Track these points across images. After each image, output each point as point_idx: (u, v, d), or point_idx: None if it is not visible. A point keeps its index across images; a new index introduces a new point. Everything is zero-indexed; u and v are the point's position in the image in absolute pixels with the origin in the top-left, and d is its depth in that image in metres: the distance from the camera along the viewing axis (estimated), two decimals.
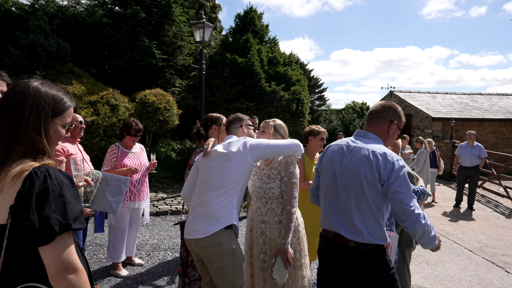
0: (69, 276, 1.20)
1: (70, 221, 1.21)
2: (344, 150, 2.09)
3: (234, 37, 12.46)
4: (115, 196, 2.26)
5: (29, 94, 1.25)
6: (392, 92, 17.11)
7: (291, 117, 11.74)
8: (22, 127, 1.22)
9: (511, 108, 16.15)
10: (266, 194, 2.62)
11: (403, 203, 1.88)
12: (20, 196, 1.16)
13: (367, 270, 1.96)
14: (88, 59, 11.50)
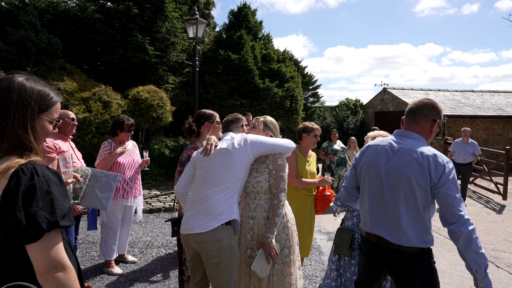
0: (57, 274, 1.18)
1: (58, 218, 1.19)
2: (388, 151, 2.00)
3: (227, 33, 12.40)
4: (105, 192, 2.24)
5: (14, 90, 1.22)
6: (385, 89, 17.18)
7: (285, 114, 11.75)
8: (7, 124, 1.20)
9: (502, 105, 16.32)
10: (255, 189, 2.58)
11: (453, 206, 1.84)
12: (6, 193, 1.14)
13: (413, 274, 1.93)
14: (80, 55, 11.37)
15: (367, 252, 2.10)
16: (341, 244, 2.71)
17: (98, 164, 3.93)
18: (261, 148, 2.46)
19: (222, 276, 2.31)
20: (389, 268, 1.99)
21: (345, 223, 2.85)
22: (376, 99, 17.83)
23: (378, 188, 2.01)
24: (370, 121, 17.89)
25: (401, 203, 1.92)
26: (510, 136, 15.54)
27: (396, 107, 16.33)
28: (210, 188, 2.36)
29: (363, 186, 2.11)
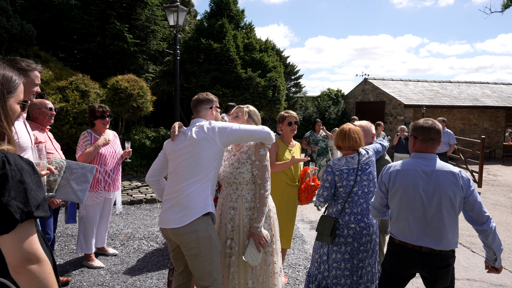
0: (31, 267, 1.13)
1: (32, 208, 1.14)
2: (422, 175, 2.29)
3: (209, 22, 12.20)
4: (80, 184, 2.16)
5: None
6: (366, 80, 17.37)
7: (267, 104, 11.72)
8: None
9: (478, 95, 16.79)
10: (237, 180, 2.57)
11: (481, 210, 2.24)
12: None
13: (449, 270, 2.32)
14: (55, 42, 10.95)
15: (405, 258, 2.36)
16: (323, 231, 2.73)
17: (79, 156, 3.80)
18: (231, 137, 2.38)
19: (203, 267, 2.32)
20: (430, 268, 2.30)
21: (328, 210, 2.87)
22: (357, 89, 18.02)
23: (418, 206, 2.30)
24: (351, 111, 18.09)
25: (444, 216, 2.26)
26: (485, 126, 16.04)
27: (376, 97, 16.55)
28: (182, 182, 2.33)
29: (400, 206, 2.36)
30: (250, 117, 2.75)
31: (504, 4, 11.34)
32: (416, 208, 2.30)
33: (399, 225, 2.38)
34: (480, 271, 4.25)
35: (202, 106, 2.57)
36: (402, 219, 2.36)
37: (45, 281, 1.16)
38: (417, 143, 2.41)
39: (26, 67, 2.33)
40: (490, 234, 2.24)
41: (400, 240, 2.38)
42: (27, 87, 2.32)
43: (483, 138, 9.57)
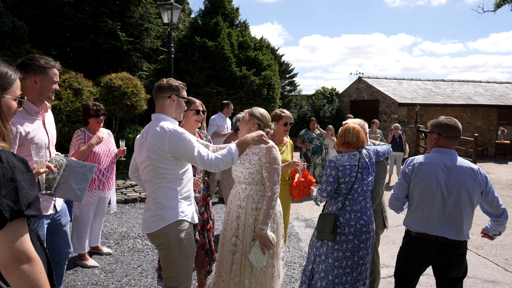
0: (22, 266, 1.12)
1: (23, 207, 1.12)
2: (444, 168, 2.46)
3: (203, 20, 12.15)
4: (80, 183, 2.13)
5: None
6: (360, 78, 17.43)
7: (262, 102, 11.71)
8: None
9: (470, 94, 16.92)
10: (246, 180, 2.61)
11: (499, 204, 2.45)
12: None
13: (464, 258, 2.50)
14: (48, 40, 10.82)
15: (422, 248, 2.50)
16: (323, 229, 2.72)
17: (72, 155, 3.77)
18: (178, 153, 2.20)
19: (171, 269, 2.30)
20: (446, 256, 2.46)
21: (327, 208, 2.87)
22: (352, 88, 18.07)
23: (439, 198, 2.45)
24: (345, 110, 18.15)
25: (462, 209, 2.42)
26: (477, 124, 16.18)
27: (371, 95, 16.62)
28: (149, 187, 2.28)
29: (421, 196, 2.50)
30: (252, 115, 2.72)
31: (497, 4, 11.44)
32: (436, 199, 2.45)
33: (417, 215, 2.52)
34: (473, 268, 4.29)
35: (160, 94, 2.35)
36: (421, 210, 2.50)
37: (35, 280, 1.14)
38: (441, 139, 2.56)
39: (45, 65, 2.32)
40: (504, 223, 2.52)
41: (416, 232, 2.53)
42: (46, 85, 2.33)
43: (476, 136, 9.66)
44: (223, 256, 2.65)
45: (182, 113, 2.47)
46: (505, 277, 4.07)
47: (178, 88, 2.37)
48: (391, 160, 9.26)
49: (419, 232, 2.52)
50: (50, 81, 2.34)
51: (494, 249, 4.90)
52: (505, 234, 5.53)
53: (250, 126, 2.71)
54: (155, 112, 2.38)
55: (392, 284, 3.84)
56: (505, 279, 4.03)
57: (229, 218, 2.68)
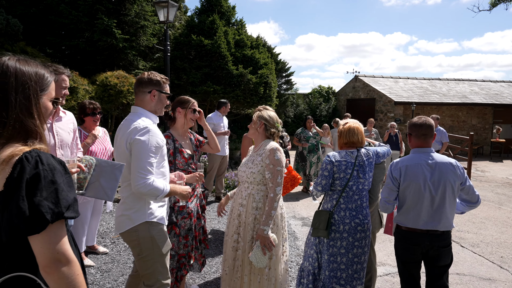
0: (61, 268, 1.13)
1: (63, 209, 1.13)
2: (427, 167, 2.59)
3: (200, 18, 12.10)
4: (109, 182, 2.13)
5: (10, 74, 1.15)
6: (357, 77, 17.46)
7: (258, 101, 11.69)
8: (8, 110, 1.14)
9: (466, 93, 17.01)
10: (248, 179, 2.67)
11: (474, 191, 2.67)
12: (9, 182, 1.08)
13: (450, 248, 2.66)
14: (43, 38, 10.74)
15: (415, 239, 2.63)
16: (318, 226, 2.75)
17: None
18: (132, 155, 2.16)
19: (145, 267, 2.28)
20: (436, 248, 2.61)
21: (323, 206, 2.90)
22: (348, 86, 18.10)
23: (427, 196, 2.58)
24: (342, 108, 18.17)
25: (447, 202, 2.58)
26: (473, 123, 16.26)
27: (367, 94, 16.65)
28: (122, 183, 2.28)
29: (412, 197, 2.62)
30: (260, 117, 2.75)
31: (492, 3, 11.47)
32: (426, 198, 2.58)
33: (408, 215, 2.64)
34: (470, 266, 4.31)
35: (140, 88, 2.30)
36: (412, 209, 2.63)
37: (73, 282, 1.15)
38: (412, 139, 2.72)
39: (54, 72, 2.35)
40: (476, 207, 2.75)
41: (408, 227, 2.66)
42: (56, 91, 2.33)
43: (472, 134, 9.70)
44: (226, 252, 2.73)
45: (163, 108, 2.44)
46: (500, 275, 4.09)
47: (159, 83, 2.32)
48: (387, 159, 9.27)
49: (411, 227, 2.65)
50: (58, 87, 2.44)
51: (490, 247, 4.93)
52: (500, 232, 5.56)
53: (257, 126, 2.75)
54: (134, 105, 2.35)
55: (388, 282, 3.85)
56: (500, 276, 4.05)
57: (232, 216, 2.75)
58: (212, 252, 4.42)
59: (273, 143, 2.69)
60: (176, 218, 2.85)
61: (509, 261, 4.48)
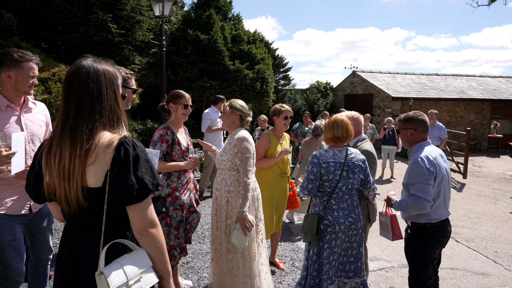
0: (152, 230, 1.38)
1: (158, 181, 1.41)
2: (440, 156, 2.63)
3: (196, 12, 12.02)
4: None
5: (100, 73, 1.38)
6: (355, 72, 17.41)
7: (255, 96, 11.65)
8: (103, 101, 1.37)
9: (464, 88, 16.98)
10: (220, 165, 2.95)
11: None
12: (117, 161, 1.31)
13: None
14: (38, 33, 10.65)
15: (446, 231, 2.63)
16: (310, 231, 2.65)
17: None
18: None
19: None
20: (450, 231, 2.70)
21: (313, 208, 2.79)
22: (346, 82, 18.05)
23: (449, 184, 2.66)
24: (340, 104, 18.14)
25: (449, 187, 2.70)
26: (470, 118, 16.25)
27: (365, 90, 16.61)
28: None
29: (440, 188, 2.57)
30: (232, 108, 2.98)
31: None
32: (448, 186, 2.66)
33: (440, 208, 2.59)
34: (463, 260, 4.31)
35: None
36: (442, 200, 2.60)
37: (161, 242, 1.41)
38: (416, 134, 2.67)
39: (19, 58, 2.25)
40: None
41: (441, 221, 2.60)
42: (21, 79, 2.26)
43: (469, 130, 9.69)
44: (213, 232, 3.00)
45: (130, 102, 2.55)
46: (494, 269, 4.09)
47: (124, 79, 2.44)
48: (384, 154, 9.26)
49: (443, 219, 2.61)
50: (25, 75, 2.27)
51: (484, 242, 4.93)
52: (495, 227, 5.56)
53: (234, 118, 2.97)
54: None
55: (382, 276, 3.84)
56: (494, 271, 4.05)
57: (215, 201, 3.01)
58: (207, 247, 4.40)
59: (241, 133, 2.88)
60: (168, 209, 2.89)
61: (503, 255, 4.48)
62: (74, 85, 1.35)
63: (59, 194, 1.36)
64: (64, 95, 1.39)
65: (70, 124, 1.34)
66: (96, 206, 1.35)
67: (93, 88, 1.35)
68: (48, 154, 1.37)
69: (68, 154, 1.32)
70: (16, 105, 2.33)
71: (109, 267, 1.31)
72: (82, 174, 1.31)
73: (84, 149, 1.30)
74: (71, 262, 1.38)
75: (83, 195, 1.32)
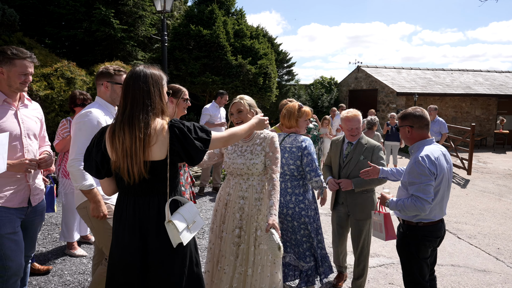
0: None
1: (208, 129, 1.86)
2: (442, 155, 2.55)
3: (199, 7, 11.98)
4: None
5: (148, 76, 1.77)
6: (359, 67, 17.27)
7: (258, 92, 11.60)
8: (151, 98, 1.75)
9: (470, 83, 16.78)
10: (250, 170, 2.58)
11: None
12: (175, 138, 1.73)
13: None
14: (41, 29, 10.67)
15: (439, 231, 2.59)
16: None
17: (57, 144, 3.77)
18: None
19: (98, 238, 2.53)
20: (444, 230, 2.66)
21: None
22: (350, 77, 17.92)
23: (448, 184, 2.59)
24: (344, 99, 18.03)
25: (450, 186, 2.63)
26: (476, 114, 16.08)
27: (369, 85, 16.48)
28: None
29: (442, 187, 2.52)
30: (250, 106, 2.67)
31: None
32: (449, 186, 2.59)
33: (432, 208, 2.51)
34: (465, 257, 4.26)
35: (96, 81, 2.60)
36: (440, 200, 2.54)
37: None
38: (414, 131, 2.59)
39: (11, 55, 2.28)
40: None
41: (435, 221, 2.55)
42: (13, 76, 2.30)
43: (473, 125, 9.57)
44: (224, 249, 2.60)
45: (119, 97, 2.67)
46: (496, 266, 4.04)
47: (111, 75, 2.54)
48: (387, 150, 9.19)
49: (438, 219, 2.56)
50: (17, 72, 2.30)
51: (487, 239, 4.87)
52: (498, 224, 5.50)
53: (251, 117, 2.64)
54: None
55: (381, 273, 3.82)
56: (496, 268, 4.00)
57: (229, 210, 2.63)
58: (205, 242, 4.40)
59: (269, 132, 2.65)
60: None
61: (505, 252, 4.43)
62: (129, 86, 1.76)
63: (122, 168, 1.72)
64: (122, 94, 1.78)
65: (127, 115, 1.72)
66: (157, 175, 1.76)
67: (143, 87, 1.74)
68: (113, 137, 1.73)
69: (128, 137, 1.69)
70: (13, 100, 2.39)
71: (173, 217, 1.74)
72: (144, 152, 1.69)
73: (144, 133, 1.68)
74: (136, 223, 1.76)
75: (145, 168, 1.71)
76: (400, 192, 2.65)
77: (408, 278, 2.64)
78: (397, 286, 3.55)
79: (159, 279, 1.78)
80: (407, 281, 2.66)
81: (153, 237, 1.76)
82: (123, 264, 1.79)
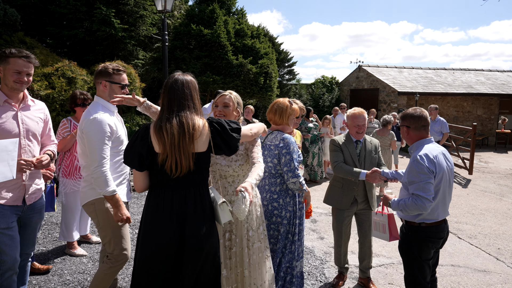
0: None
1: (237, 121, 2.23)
2: (446, 156, 2.58)
3: (199, 7, 11.98)
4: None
5: (188, 82, 2.08)
6: (360, 67, 17.24)
7: (259, 91, 11.60)
8: (192, 100, 2.07)
9: (472, 83, 16.73)
10: (235, 172, 2.50)
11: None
12: (216, 132, 2.05)
13: None
14: (43, 28, 10.70)
15: (442, 232, 2.58)
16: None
17: (57, 144, 3.74)
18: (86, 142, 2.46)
19: (103, 235, 2.57)
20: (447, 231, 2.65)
21: None
22: (352, 76, 17.89)
23: (450, 184, 2.59)
24: (345, 99, 18.00)
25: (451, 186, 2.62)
26: (478, 113, 16.03)
27: (370, 84, 16.45)
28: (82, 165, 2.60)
29: (441, 187, 2.51)
30: (238, 104, 2.59)
31: None
32: (450, 186, 2.58)
33: (438, 208, 2.52)
34: (465, 257, 4.25)
35: (95, 80, 2.61)
36: (441, 200, 2.53)
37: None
38: (411, 132, 2.62)
39: (8, 54, 2.31)
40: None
41: (437, 221, 2.54)
42: (7, 74, 2.32)
43: (475, 125, 9.54)
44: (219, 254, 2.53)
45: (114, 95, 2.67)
46: (496, 267, 4.03)
47: (109, 74, 2.54)
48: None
49: (440, 220, 2.55)
50: (10, 70, 2.32)
51: (488, 239, 4.86)
52: (499, 224, 5.48)
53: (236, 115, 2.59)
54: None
55: (381, 273, 3.81)
56: (496, 268, 3.99)
57: None
58: None
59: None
60: None
61: (505, 253, 4.42)
62: (175, 90, 2.03)
63: (170, 161, 1.93)
64: (168, 97, 2.04)
65: (174, 114, 1.99)
66: (200, 165, 2.02)
67: (186, 92, 2.04)
68: (160, 132, 1.94)
69: (176, 132, 1.93)
70: (14, 101, 2.40)
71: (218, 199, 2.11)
72: (191, 145, 1.95)
73: (192, 128, 1.96)
74: (173, 213, 1.97)
75: (193, 159, 1.96)
76: (401, 192, 2.65)
77: (409, 279, 2.62)
78: (397, 286, 3.55)
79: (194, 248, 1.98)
80: (408, 282, 2.64)
81: (190, 224, 1.98)
82: (158, 248, 1.95)
